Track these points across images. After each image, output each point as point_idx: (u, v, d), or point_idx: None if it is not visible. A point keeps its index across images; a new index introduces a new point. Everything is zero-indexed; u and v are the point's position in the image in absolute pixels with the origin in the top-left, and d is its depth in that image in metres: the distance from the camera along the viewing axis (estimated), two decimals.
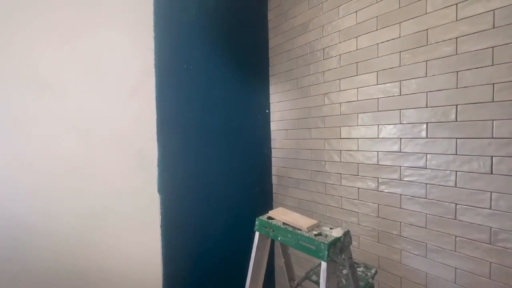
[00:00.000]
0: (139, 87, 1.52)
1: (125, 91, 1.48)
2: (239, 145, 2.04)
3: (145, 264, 1.55)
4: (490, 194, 1.14)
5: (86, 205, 1.36)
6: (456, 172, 1.24)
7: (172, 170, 1.64)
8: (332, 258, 0.92)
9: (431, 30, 1.30)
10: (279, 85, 2.19)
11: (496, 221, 1.13)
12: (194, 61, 1.76)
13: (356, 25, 1.61)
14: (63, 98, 1.29)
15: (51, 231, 1.27)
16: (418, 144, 1.36)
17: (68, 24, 1.30)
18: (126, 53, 1.48)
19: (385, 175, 1.51)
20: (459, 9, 1.21)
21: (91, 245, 1.38)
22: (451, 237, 1.26)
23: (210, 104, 1.85)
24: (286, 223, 1.11)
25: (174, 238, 1.65)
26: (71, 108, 1.31)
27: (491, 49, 1.13)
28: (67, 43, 1.30)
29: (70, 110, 1.31)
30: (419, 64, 1.35)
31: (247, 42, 2.11)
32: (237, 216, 2.01)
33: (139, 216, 1.53)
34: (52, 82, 1.26)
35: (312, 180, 1.94)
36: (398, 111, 1.44)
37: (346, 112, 1.69)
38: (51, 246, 1.27)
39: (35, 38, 1.22)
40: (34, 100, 1.22)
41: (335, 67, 1.74)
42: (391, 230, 1.49)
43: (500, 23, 1.10)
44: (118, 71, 1.45)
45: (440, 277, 1.31)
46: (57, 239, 1.28)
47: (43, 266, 1.25)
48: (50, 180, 1.26)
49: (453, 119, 1.24)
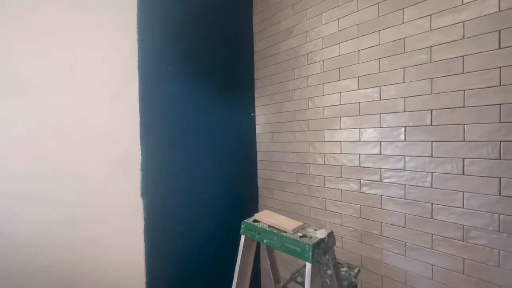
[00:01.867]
0: (122, 89, 1.48)
1: (108, 93, 1.44)
2: (225, 149, 2.04)
3: (128, 271, 1.51)
4: (462, 194, 1.22)
5: (66, 211, 1.31)
6: (432, 173, 1.31)
7: (156, 174, 1.61)
8: (316, 259, 0.94)
9: (408, 39, 1.38)
10: (264, 89, 2.21)
11: (468, 220, 1.20)
12: (179, 64, 1.75)
13: (338, 32, 1.67)
14: (41, 99, 1.24)
15: (27, 239, 1.21)
16: (397, 147, 1.43)
17: (48, 25, 1.26)
18: (109, 55, 1.44)
19: (366, 177, 1.56)
20: (433, 20, 1.29)
21: (71, 253, 1.32)
22: (428, 236, 1.33)
23: (195, 107, 1.83)
24: (271, 225, 1.12)
25: (158, 243, 1.61)
26: (50, 110, 1.26)
27: (461, 58, 1.21)
28: (47, 43, 1.25)
29: (49, 112, 1.26)
30: (397, 71, 1.41)
31: (233, 46, 2.12)
32: (222, 219, 2.00)
33: (121, 222, 1.49)
34: (30, 83, 1.21)
35: (297, 183, 1.97)
36: (378, 115, 1.50)
37: (329, 116, 1.74)
38: (27, 255, 1.21)
39: (12, 38, 1.17)
40: (11, 101, 1.17)
41: (319, 72, 1.78)
42: (372, 230, 1.54)
43: (469, 34, 1.18)
44: (100, 73, 1.41)
45: (419, 274, 1.36)
46: (34, 247, 1.22)
47: (19, 277, 1.18)
48: (26, 185, 1.21)
49: (428, 123, 1.31)
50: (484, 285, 1.16)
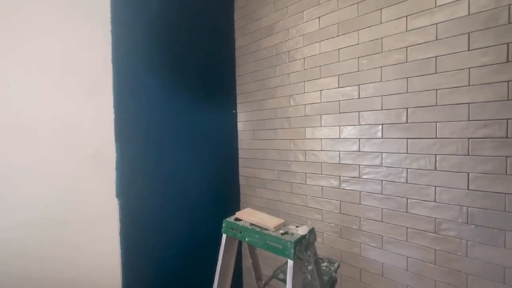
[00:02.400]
0: (95, 84, 1.40)
1: (79, 88, 1.35)
2: (205, 146, 2.00)
3: (103, 275, 1.44)
4: (434, 188, 1.28)
5: (35, 213, 1.21)
6: (407, 169, 1.36)
7: (133, 173, 1.55)
8: (298, 256, 0.94)
9: (385, 39, 1.41)
10: (245, 86, 2.19)
11: (439, 213, 1.26)
12: (157, 58, 1.68)
13: (319, 30, 1.68)
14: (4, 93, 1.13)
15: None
16: (374, 144, 1.47)
17: (14, 16, 1.15)
18: (80, 47, 1.35)
19: (346, 173, 1.59)
20: (409, 21, 1.33)
21: (39, 258, 1.23)
22: (403, 229, 1.38)
23: (173, 103, 1.77)
24: (253, 223, 1.11)
25: (135, 245, 1.55)
26: (15, 104, 1.16)
27: (434, 58, 1.26)
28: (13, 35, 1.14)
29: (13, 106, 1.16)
30: (375, 70, 1.45)
31: (213, 41, 2.08)
32: (203, 218, 1.96)
33: (96, 224, 1.41)
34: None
35: (278, 180, 1.97)
36: (357, 113, 1.53)
37: (310, 113, 1.75)
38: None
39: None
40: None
41: (300, 69, 1.79)
42: (351, 225, 1.58)
43: (441, 35, 1.24)
44: (71, 66, 1.32)
45: (394, 266, 1.42)
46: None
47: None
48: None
49: (404, 121, 1.36)
50: (454, 274, 1.23)
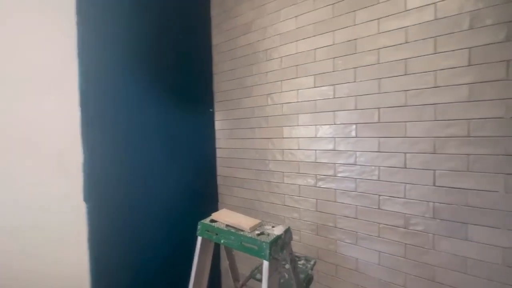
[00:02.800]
0: (58, 79, 1.30)
1: (40, 84, 1.24)
2: (181, 146, 1.94)
3: (70, 286, 1.34)
4: (404, 185, 1.33)
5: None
6: (379, 167, 1.41)
7: (102, 175, 1.46)
8: (273, 256, 0.94)
9: (359, 40, 1.45)
10: (223, 84, 2.15)
11: (409, 208, 1.32)
12: (128, 54, 1.60)
13: (296, 29, 1.69)
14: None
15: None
16: (349, 143, 1.50)
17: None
18: (41, 40, 1.25)
19: (322, 172, 1.62)
20: (381, 24, 1.37)
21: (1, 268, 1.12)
22: (376, 225, 1.43)
23: (147, 101, 1.70)
24: (229, 225, 1.09)
25: (105, 251, 1.47)
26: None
27: (404, 60, 1.31)
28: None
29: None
30: (349, 70, 1.48)
31: (188, 38, 2.01)
32: (179, 220, 1.90)
33: (61, 230, 1.32)
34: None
35: (256, 179, 1.96)
36: (333, 112, 1.56)
37: (287, 112, 1.76)
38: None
39: None
40: None
41: (277, 68, 1.79)
42: (328, 223, 1.61)
43: (411, 39, 1.29)
44: (30, 60, 1.21)
45: (368, 261, 1.47)
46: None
47: None
48: None
49: (376, 120, 1.40)
50: (422, 266, 1.30)
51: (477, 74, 1.14)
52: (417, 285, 1.31)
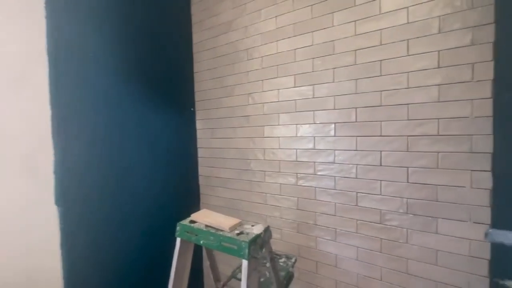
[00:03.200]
0: (25, 76, 1.22)
1: (4, 81, 1.17)
2: (161, 145, 1.90)
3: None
4: (380, 182, 1.38)
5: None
6: (357, 165, 1.45)
7: (76, 177, 1.40)
8: (253, 255, 0.94)
9: (337, 42, 1.48)
10: (203, 83, 2.13)
11: (384, 204, 1.37)
12: (105, 49, 1.54)
13: (276, 29, 1.70)
14: None
15: None
16: (328, 142, 1.54)
17: None
18: (5, 34, 1.17)
19: (302, 171, 1.64)
20: (357, 26, 1.41)
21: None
22: (353, 221, 1.47)
23: (124, 100, 1.65)
24: (209, 225, 1.08)
25: (80, 257, 1.41)
26: None
27: (379, 62, 1.35)
28: None
29: None
30: (328, 71, 1.51)
31: (168, 34, 1.97)
32: (159, 222, 1.86)
33: (30, 236, 1.25)
34: None
35: (238, 179, 1.96)
36: (312, 112, 1.58)
37: (268, 112, 1.77)
38: None
39: None
40: None
41: (258, 68, 1.79)
42: (308, 220, 1.64)
43: (385, 41, 1.34)
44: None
45: (346, 256, 1.51)
46: None
47: None
48: None
49: (354, 120, 1.44)
50: (396, 259, 1.35)
51: (445, 76, 1.20)
52: (392, 277, 1.37)
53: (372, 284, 1.43)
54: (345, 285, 1.52)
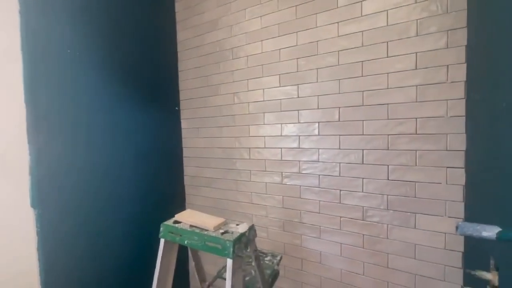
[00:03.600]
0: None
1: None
2: (144, 145, 1.86)
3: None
4: (362, 180, 1.42)
5: None
6: (340, 163, 1.48)
7: (54, 178, 1.34)
8: (237, 254, 0.94)
9: (321, 42, 1.51)
10: (188, 82, 2.10)
11: (366, 201, 1.41)
12: (84, 47, 1.49)
13: (260, 29, 1.71)
14: None
15: None
16: (312, 141, 1.56)
17: None
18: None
19: (287, 169, 1.66)
20: (340, 27, 1.44)
21: None
22: (337, 218, 1.51)
23: (105, 98, 1.60)
24: (193, 225, 1.08)
25: (59, 260, 1.35)
26: None
27: (361, 63, 1.39)
28: None
29: None
30: (312, 71, 1.54)
31: (151, 32, 1.93)
32: (144, 224, 1.82)
33: (4, 241, 1.19)
34: None
35: (224, 178, 1.95)
36: (297, 111, 1.60)
37: (254, 111, 1.77)
38: None
39: None
40: None
41: (243, 67, 1.80)
42: (293, 218, 1.66)
43: (366, 42, 1.37)
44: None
45: (330, 253, 1.54)
46: None
47: None
48: None
49: (337, 119, 1.47)
50: (377, 254, 1.40)
51: (423, 77, 1.25)
52: (374, 272, 1.41)
53: (355, 279, 1.47)
54: (329, 281, 1.55)
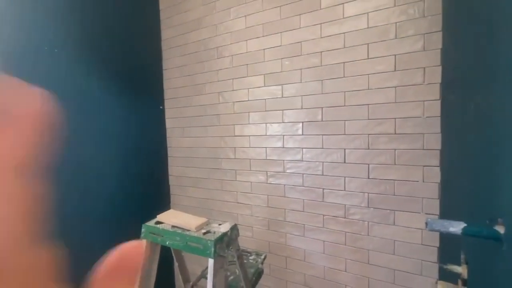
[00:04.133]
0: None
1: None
2: (127, 145, 1.82)
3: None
4: (344, 178, 1.45)
5: None
6: (323, 162, 1.51)
7: None
8: (219, 254, 0.94)
9: (304, 43, 1.53)
10: (173, 81, 2.08)
11: (348, 200, 1.45)
12: (62, 43, 1.44)
13: (245, 29, 1.71)
14: None
15: None
16: (296, 140, 1.58)
17: None
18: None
19: (272, 169, 1.67)
20: (323, 28, 1.47)
21: None
22: (320, 217, 1.53)
23: (86, 97, 1.56)
24: (175, 225, 1.07)
25: None
26: None
27: (342, 64, 1.42)
28: None
29: None
30: (296, 71, 1.56)
31: (135, 30, 1.89)
32: (127, 226, 1.79)
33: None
34: None
35: (209, 178, 1.95)
36: (281, 111, 1.62)
37: (239, 111, 1.78)
38: None
39: None
40: None
41: (228, 67, 1.79)
42: (278, 217, 1.68)
43: (348, 44, 1.40)
44: None
45: (314, 250, 1.57)
46: None
47: None
48: None
49: (320, 119, 1.50)
50: (359, 251, 1.43)
51: (401, 79, 1.29)
52: (355, 268, 1.45)
53: (337, 276, 1.50)
54: (313, 278, 1.58)
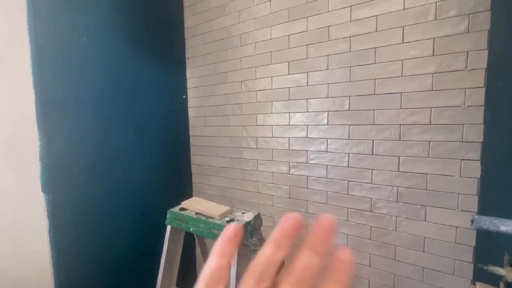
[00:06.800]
0: (4, 59, 1.17)
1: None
2: (151, 133, 1.86)
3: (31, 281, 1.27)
4: (371, 171, 1.39)
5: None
6: (349, 154, 1.45)
7: (63, 163, 1.36)
8: (242, 242, 0.94)
9: (332, 28, 1.45)
10: (196, 69, 2.08)
11: (374, 193, 1.38)
12: (91, 32, 1.48)
13: (270, 14, 1.65)
14: None
15: None
16: (321, 131, 1.53)
17: None
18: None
19: (295, 159, 1.64)
20: (352, 11, 1.38)
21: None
22: (344, 209, 1.49)
23: (113, 86, 1.60)
24: (199, 212, 1.08)
25: (69, 242, 1.40)
26: None
27: (374, 49, 1.33)
28: None
29: None
30: (322, 58, 1.49)
31: (158, 17, 1.90)
32: (150, 210, 1.85)
33: (16, 223, 1.23)
34: None
35: (231, 167, 1.95)
36: (306, 100, 1.56)
37: (261, 100, 1.74)
38: None
39: None
40: None
41: (251, 54, 1.75)
42: (299, 208, 1.65)
43: (380, 27, 1.31)
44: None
45: (337, 243, 1.53)
46: None
47: None
48: None
49: (346, 108, 1.43)
50: (385, 246, 1.38)
51: (440, 65, 1.19)
52: (380, 263, 1.40)
53: (361, 270, 1.46)
54: None
